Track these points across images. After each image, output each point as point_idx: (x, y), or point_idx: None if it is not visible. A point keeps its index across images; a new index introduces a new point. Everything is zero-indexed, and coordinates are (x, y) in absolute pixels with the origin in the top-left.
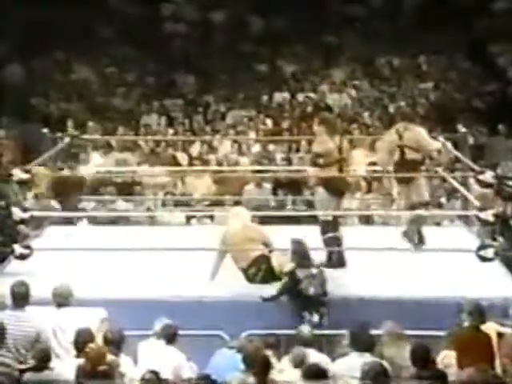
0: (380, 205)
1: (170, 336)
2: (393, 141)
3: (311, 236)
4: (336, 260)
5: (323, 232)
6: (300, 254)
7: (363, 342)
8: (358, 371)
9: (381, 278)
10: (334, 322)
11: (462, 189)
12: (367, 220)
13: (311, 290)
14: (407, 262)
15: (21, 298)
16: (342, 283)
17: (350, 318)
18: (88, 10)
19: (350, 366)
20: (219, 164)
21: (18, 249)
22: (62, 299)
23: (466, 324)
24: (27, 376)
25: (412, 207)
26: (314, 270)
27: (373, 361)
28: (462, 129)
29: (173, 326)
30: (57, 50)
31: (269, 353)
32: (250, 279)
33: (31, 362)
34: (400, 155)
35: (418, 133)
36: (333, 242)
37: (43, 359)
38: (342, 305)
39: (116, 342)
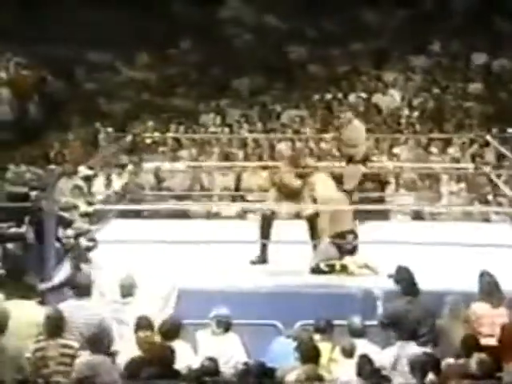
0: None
1: (225, 325)
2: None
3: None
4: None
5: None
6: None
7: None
8: (404, 360)
9: (425, 272)
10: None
11: (505, 186)
12: (418, 216)
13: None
14: (454, 256)
15: (84, 287)
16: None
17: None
18: (150, 11)
19: (396, 355)
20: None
21: (83, 242)
22: (126, 290)
23: None
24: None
25: None
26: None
27: (423, 351)
28: (510, 129)
29: (227, 315)
30: (117, 49)
31: (317, 337)
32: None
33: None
34: None
35: None
36: None
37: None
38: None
39: (174, 331)
